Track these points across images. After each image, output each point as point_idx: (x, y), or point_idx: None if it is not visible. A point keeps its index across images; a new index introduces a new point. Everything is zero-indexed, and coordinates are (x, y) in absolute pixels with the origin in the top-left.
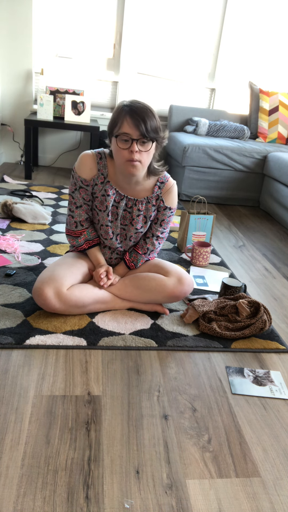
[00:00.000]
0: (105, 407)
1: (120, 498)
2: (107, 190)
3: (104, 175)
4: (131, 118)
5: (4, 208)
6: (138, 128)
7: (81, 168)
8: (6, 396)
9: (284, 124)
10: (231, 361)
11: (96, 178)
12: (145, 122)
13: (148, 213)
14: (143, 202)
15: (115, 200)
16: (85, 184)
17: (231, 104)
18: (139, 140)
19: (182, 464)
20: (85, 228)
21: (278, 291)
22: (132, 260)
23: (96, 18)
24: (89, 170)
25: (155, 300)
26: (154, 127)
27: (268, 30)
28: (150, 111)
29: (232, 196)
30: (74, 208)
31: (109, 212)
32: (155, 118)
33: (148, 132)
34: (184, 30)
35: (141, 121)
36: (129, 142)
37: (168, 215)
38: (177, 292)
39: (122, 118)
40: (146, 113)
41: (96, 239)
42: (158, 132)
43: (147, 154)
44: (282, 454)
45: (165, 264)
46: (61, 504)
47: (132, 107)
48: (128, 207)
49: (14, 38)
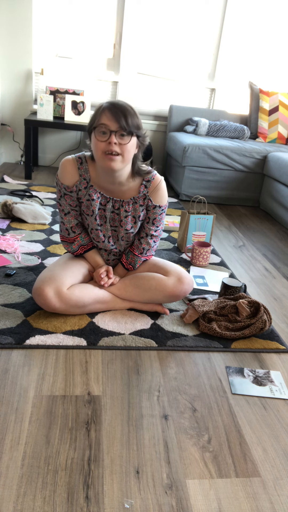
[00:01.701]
0: (105, 407)
1: (120, 498)
2: (91, 194)
3: (87, 180)
4: (110, 111)
5: (4, 208)
6: (117, 120)
7: (63, 175)
8: (6, 396)
9: (284, 124)
10: (231, 361)
11: (79, 184)
12: (124, 116)
13: (136, 213)
14: (129, 203)
15: (101, 203)
16: (69, 191)
17: (231, 104)
18: (117, 132)
19: (182, 464)
20: (77, 234)
21: (278, 291)
22: (130, 262)
23: (96, 18)
24: (71, 177)
25: (155, 299)
26: (134, 123)
27: (268, 30)
28: (131, 108)
29: (232, 196)
30: (63, 215)
31: (97, 216)
32: (136, 116)
33: (127, 124)
34: (184, 30)
35: (120, 114)
36: (107, 134)
37: (159, 213)
38: (177, 291)
39: (101, 112)
40: (125, 108)
41: (91, 243)
42: (138, 127)
43: (127, 148)
44: (282, 454)
45: (165, 263)
46: (61, 504)
47: (112, 103)
48: (116, 208)
49: (14, 38)
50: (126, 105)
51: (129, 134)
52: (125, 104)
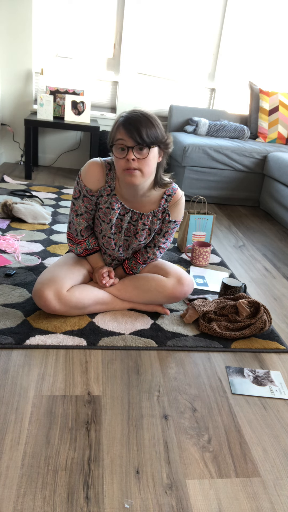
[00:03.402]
0: (105, 407)
1: (120, 498)
2: (113, 203)
3: (111, 188)
4: (124, 127)
5: (4, 208)
6: (132, 135)
7: (88, 177)
8: (6, 396)
9: (284, 124)
10: (231, 361)
11: (103, 190)
12: (138, 129)
13: (153, 226)
14: (149, 216)
15: (120, 213)
16: (90, 194)
17: (231, 104)
18: (134, 148)
19: (182, 464)
20: (85, 238)
21: (278, 291)
22: (132, 268)
23: (96, 18)
24: (97, 182)
25: (155, 300)
26: (152, 134)
27: (268, 30)
28: (147, 118)
29: (232, 196)
30: (75, 215)
31: (113, 226)
32: (153, 125)
33: (142, 138)
34: (184, 30)
35: (134, 129)
36: (125, 151)
37: (172, 227)
38: (177, 292)
39: (116, 128)
40: (140, 120)
41: (96, 248)
42: (156, 138)
43: (146, 161)
44: (282, 454)
45: (164, 264)
46: (61, 504)
47: (127, 116)
48: (133, 220)
49: (14, 38)
50: (142, 116)
51: (147, 147)
52: (141, 115)
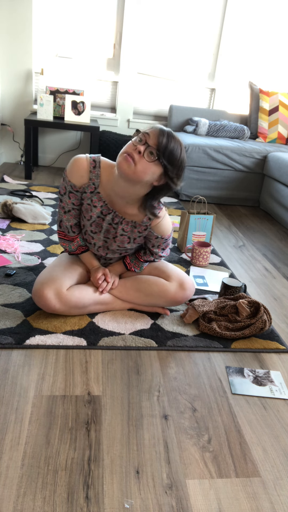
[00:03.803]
0: (105, 407)
1: (120, 498)
2: (94, 201)
3: (95, 185)
4: (160, 130)
5: (4, 208)
6: (159, 137)
7: (72, 172)
8: (6, 396)
9: (284, 124)
10: (231, 361)
11: (86, 187)
12: (168, 140)
13: (132, 236)
14: (129, 224)
15: (102, 212)
16: (75, 190)
17: (231, 104)
18: (149, 148)
19: (182, 464)
20: (77, 234)
21: (278, 291)
22: (134, 266)
23: (96, 18)
24: (80, 177)
25: (156, 304)
26: (173, 155)
27: (268, 30)
28: (180, 144)
29: (232, 196)
30: (63, 212)
31: (93, 223)
32: (180, 152)
33: (163, 148)
34: (184, 30)
35: (166, 137)
36: (140, 143)
37: (163, 241)
38: (179, 297)
39: (154, 127)
40: (175, 139)
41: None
42: (172, 162)
43: (145, 166)
44: (282, 454)
45: (166, 267)
46: (61, 504)
47: (169, 130)
48: (114, 223)
49: (14, 38)
50: (178, 140)
51: (157, 156)
52: (179, 139)
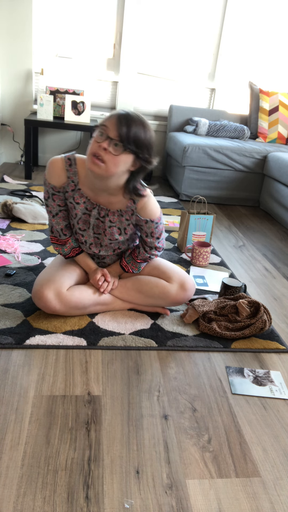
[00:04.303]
0: (105, 407)
1: (120, 498)
2: (76, 198)
3: (75, 182)
4: (118, 117)
5: (4, 208)
6: (118, 128)
7: (50, 174)
8: (6, 396)
9: (284, 124)
10: (231, 361)
11: (66, 186)
12: (128, 127)
13: (122, 226)
14: (115, 214)
15: (87, 208)
16: (56, 191)
17: (231, 104)
18: (112, 140)
19: (182, 464)
20: (68, 236)
21: (278, 291)
22: (132, 267)
23: (96, 18)
24: (58, 177)
25: (157, 304)
26: (137, 139)
27: (268, 30)
28: (142, 124)
29: (232, 196)
30: (51, 217)
31: (79, 220)
32: (145, 133)
33: (125, 137)
34: (184, 30)
35: (124, 124)
36: (103, 137)
37: (155, 226)
38: (179, 298)
39: (112, 115)
40: (135, 121)
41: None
42: (139, 146)
43: (115, 161)
44: (282, 454)
45: (166, 267)
46: (61, 504)
47: (127, 112)
48: (101, 216)
49: (14, 38)
50: (138, 120)
51: (123, 147)
52: (138, 119)
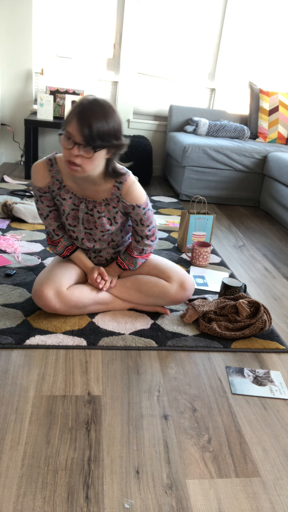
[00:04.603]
0: (105, 407)
1: (120, 498)
2: (63, 194)
3: (60, 181)
4: (78, 120)
5: (4, 208)
6: (82, 132)
7: (34, 178)
8: (6, 396)
9: (284, 124)
10: (231, 361)
11: (52, 185)
12: (90, 127)
13: (111, 215)
14: (102, 204)
15: (75, 203)
16: (43, 192)
17: (231, 104)
18: (81, 145)
19: (182, 464)
20: (60, 236)
21: (278, 291)
22: (127, 264)
23: (96, 18)
24: (42, 178)
25: (157, 303)
26: (102, 134)
27: (268, 30)
28: (104, 115)
29: (232, 196)
30: (43, 219)
31: (68, 216)
32: (108, 124)
33: (92, 138)
34: (184, 30)
35: (86, 125)
36: (71, 143)
37: (142, 212)
38: (179, 298)
39: (72, 116)
40: (96, 117)
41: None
42: (107, 139)
43: (90, 161)
44: (282, 454)
45: (166, 266)
46: (61, 504)
47: (85, 108)
48: (89, 209)
49: (14, 38)
50: (99, 112)
51: (93, 148)
52: (98, 109)
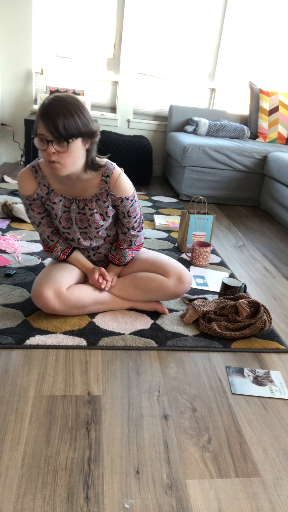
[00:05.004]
0: (105, 407)
1: (120, 498)
2: (53, 198)
3: (47, 185)
4: (43, 119)
5: (4, 208)
6: (49, 128)
7: (21, 187)
8: (6, 396)
9: (284, 124)
10: (231, 361)
11: (40, 191)
12: (55, 123)
13: (102, 210)
14: (92, 200)
15: (65, 205)
16: (32, 200)
17: (231, 104)
18: (53, 141)
19: (182, 464)
20: (56, 241)
21: (278, 291)
22: (118, 258)
23: (96, 18)
24: (29, 186)
25: (156, 299)
26: (70, 125)
27: (268, 30)
28: (66, 108)
29: (232, 196)
30: (36, 227)
31: (61, 219)
32: (73, 114)
33: (59, 132)
34: (184, 30)
35: (50, 122)
36: (45, 143)
37: (130, 204)
38: (178, 291)
39: (37, 118)
40: (58, 111)
41: (70, 245)
42: (76, 129)
43: (67, 154)
44: (282, 454)
45: (162, 262)
46: (61, 504)
47: (47, 107)
48: (81, 208)
49: (14, 38)
50: (61, 106)
51: (65, 141)
52: (60, 105)
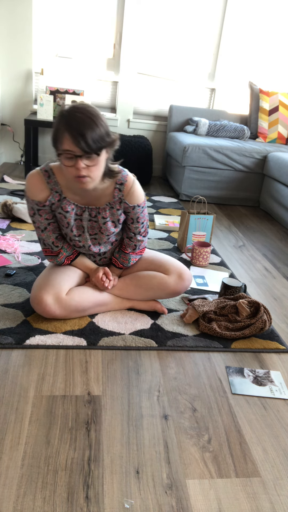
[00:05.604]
0: (105, 407)
1: (120, 498)
2: (65, 206)
3: (59, 192)
4: (70, 135)
5: (4, 208)
6: (79, 144)
7: (31, 191)
8: (6, 396)
9: (284, 124)
10: (231, 361)
11: (51, 198)
12: (85, 137)
13: (115, 217)
14: (106, 209)
15: (77, 213)
16: (42, 206)
17: (231, 104)
18: (83, 156)
19: (182, 464)
20: (60, 247)
21: (278, 291)
22: (122, 261)
23: (96, 18)
24: (41, 192)
25: (157, 297)
26: (98, 138)
27: (268, 30)
28: (91, 119)
29: (232, 196)
30: (40, 232)
31: (73, 228)
32: (98, 126)
33: (90, 147)
34: (184, 30)
35: (80, 137)
36: (73, 159)
37: (141, 211)
38: (178, 289)
39: (61, 133)
40: (85, 124)
41: (75, 251)
42: (103, 140)
43: (96, 167)
44: (282, 454)
45: (162, 260)
46: (61, 504)
47: (70, 120)
48: (93, 216)
49: (14, 38)
50: (85, 117)
51: (96, 154)
52: (83, 117)
